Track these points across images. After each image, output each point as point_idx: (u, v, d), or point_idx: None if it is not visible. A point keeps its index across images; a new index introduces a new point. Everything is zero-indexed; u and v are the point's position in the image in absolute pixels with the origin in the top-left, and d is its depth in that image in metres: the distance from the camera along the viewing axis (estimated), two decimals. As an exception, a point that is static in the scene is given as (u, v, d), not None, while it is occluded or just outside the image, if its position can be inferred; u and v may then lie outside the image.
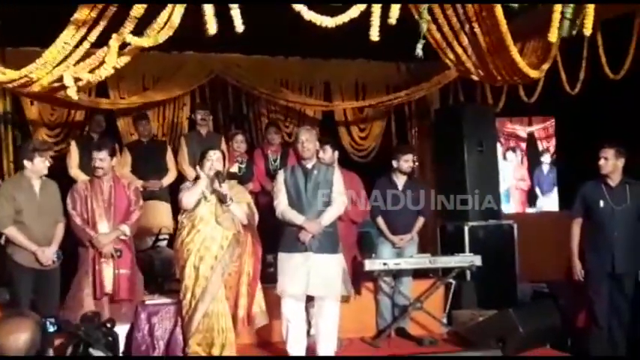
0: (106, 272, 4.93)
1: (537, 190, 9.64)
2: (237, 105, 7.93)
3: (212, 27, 3.74)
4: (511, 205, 9.55)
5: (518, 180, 9.67)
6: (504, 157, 9.66)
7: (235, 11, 3.72)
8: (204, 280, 4.80)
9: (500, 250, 6.63)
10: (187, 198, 4.92)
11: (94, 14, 3.93)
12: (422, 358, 3.16)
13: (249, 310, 5.01)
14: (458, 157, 6.93)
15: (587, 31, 4.39)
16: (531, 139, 9.72)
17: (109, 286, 4.93)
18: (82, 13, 3.90)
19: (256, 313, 5.08)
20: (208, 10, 3.69)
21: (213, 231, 4.88)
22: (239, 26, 3.73)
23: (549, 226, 7.35)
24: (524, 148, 9.77)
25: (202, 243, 4.84)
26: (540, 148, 9.68)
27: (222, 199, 4.88)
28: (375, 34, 4.08)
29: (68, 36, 3.98)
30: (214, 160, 4.95)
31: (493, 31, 4.71)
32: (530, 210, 9.56)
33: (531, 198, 9.68)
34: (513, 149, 9.75)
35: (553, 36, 4.44)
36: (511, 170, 9.66)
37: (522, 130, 9.75)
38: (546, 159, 9.64)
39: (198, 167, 5.02)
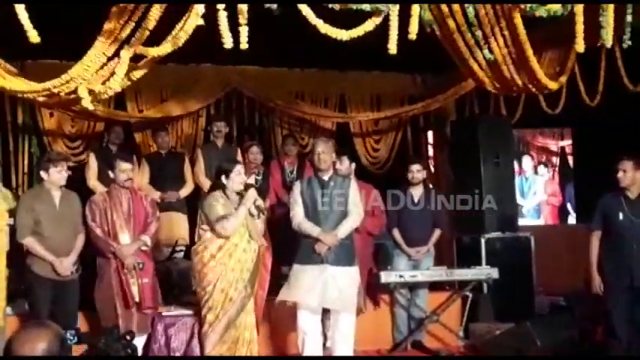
0: (131, 282, 4.95)
1: (569, 206, 9.49)
2: (252, 117, 7.96)
3: (228, 41, 3.80)
4: (541, 221, 9.42)
5: (549, 195, 9.55)
6: (535, 172, 9.58)
7: (243, 28, 3.78)
8: (236, 293, 4.76)
9: (517, 262, 6.58)
10: (234, 225, 4.75)
11: (119, 31, 3.99)
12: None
13: (257, 319, 5.00)
14: (474, 169, 6.89)
15: (608, 42, 4.40)
16: (563, 154, 9.61)
17: (137, 296, 4.94)
18: (111, 27, 3.97)
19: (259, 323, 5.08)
20: (223, 24, 3.74)
21: (246, 245, 4.85)
22: (244, 43, 3.81)
23: (567, 239, 7.29)
24: (555, 162, 9.66)
25: (238, 257, 4.79)
26: (572, 163, 9.54)
27: (253, 212, 4.85)
28: (393, 48, 4.10)
29: (94, 53, 4.04)
30: (243, 173, 4.94)
31: (513, 41, 4.72)
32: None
33: (563, 214, 9.54)
34: (545, 164, 9.64)
35: (580, 46, 4.44)
36: (542, 185, 9.55)
37: (554, 145, 9.63)
38: None
39: (224, 182, 4.88)
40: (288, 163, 6.84)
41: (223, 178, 4.90)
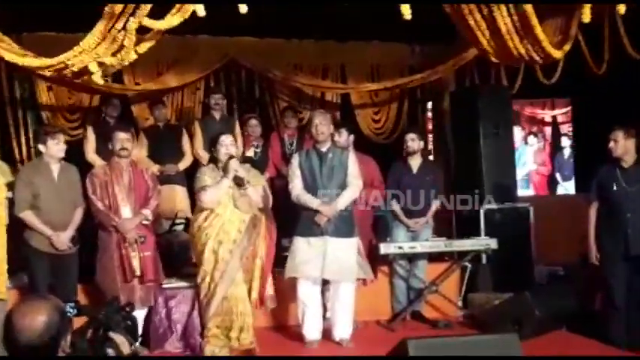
0: (132, 256, 4.96)
1: (558, 176, 9.52)
2: (251, 89, 7.91)
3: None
4: (530, 191, 9.45)
5: (538, 165, 9.55)
6: (525, 142, 9.55)
7: None
8: (223, 264, 4.80)
9: (516, 233, 6.58)
10: (211, 197, 4.82)
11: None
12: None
13: (262, 292, 5.03)
14: (473, 140, 6.88)
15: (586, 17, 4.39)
16: (554, 124, 9.59)
17: (138, 270, 4.96)
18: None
19: (268, 295, 5.11)
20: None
21: (231, 215, 4.87)
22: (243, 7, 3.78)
23: (565, 209, 7.30)
24: (546, 132, 9.64)
25: (221, 227, 4.83)
26: (562, 132, 9.53)
27: (239, 183, 4.88)
28: (407, 12, 4.07)
29: (103, 24, 4.02)
30: (228, 144, 4.95)
31: (516, 10, 4.67)
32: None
33: (552, 183, 9.56)
34: (535, 134, 9.61)
35: (586, 16, 4.42)
36: (531, 155, 9.54)
37: (544, 115, 9.61)
38: (567, 143, 9.50)
39: (215, 154, 4.95)
40: (288, 135, 6.82)
41: (213, 150, 4.93)
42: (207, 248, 4.82)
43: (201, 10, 4.00)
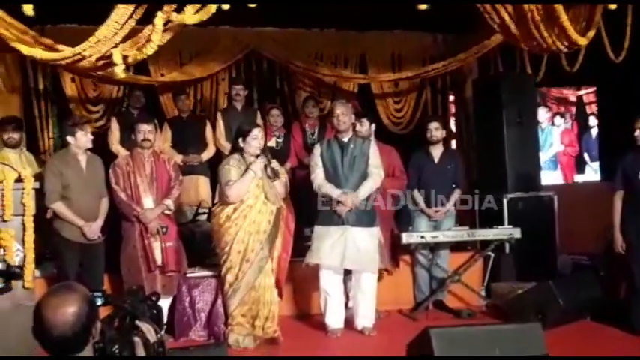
0: (154, 246, 5.02)
1: (586, 156, 9.39)
2: (272, 79, 7.92)
3: None
4: (558, 172, 9.33)
5: (566, 146, 9.42)
6: (552, 123, 9.42)
7: None
8: (252, 255, 4.83)
9: (539, 221, 6.54)
10: (237, 192, 4.81)
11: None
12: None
13: (279, 281, 5.06)
14: (497, 128, 6.82)
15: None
16: (580, 103, 9.44)
17: (159, 260, 5.01)
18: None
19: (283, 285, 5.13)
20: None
21: (261, 206, 4.89)
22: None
23: (590, 198, 7.22)
24: (573, 112, 9.49)
25: (252, 218, 4.85)
26: (588, 112, 9.36)
27: (270, 175, 4.89)
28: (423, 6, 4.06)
29: (118, 15, 4.05)
30: (260, 137, 4.94)
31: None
32: (578, 177, 9.31)
33: (580, 164, 9.44)
34: (562, 114, 9.47)
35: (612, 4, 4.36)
36: (558, 136, 9.41)
37: (571, 95, 9.45)
38: (594, 123, 9.30)
39: (242, 145, 4.91)
40: (309, 125, 6.82)
41: (240, 141, 4.93)
42: (236, 239, 4.82)
43: (226, 4, 4.02)
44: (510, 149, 6.76)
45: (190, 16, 4.04)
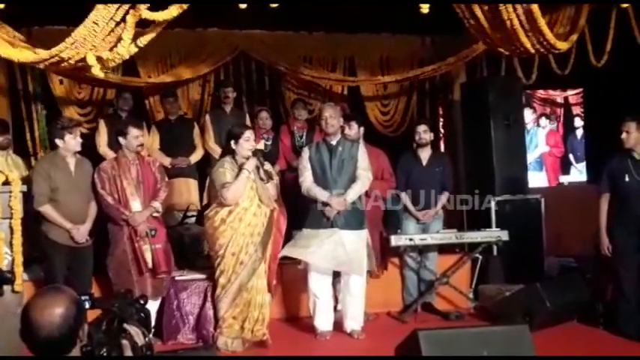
0: (144, 249, 4.99)
1: (571, 157, 9.44)
2: (261, 82, 7.91)
3: None
4: (543, 174, 9.39)
5: (551, 147, 9.48)
6: (537, 124, 9.48)
7: None
8: (247, 257, 4.82)
9: (527, 224, 6.57)
10: (234, 193, 4.79)
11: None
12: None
13: (270, 282, 5.04)
14: (484, 131, 6.85)
15: None
16: (566, 104, 9.51)
17: (149, 262, 4.98)
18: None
19: (273, 286, 5.12)
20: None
21: (256, 209, 4.89)
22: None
23: (577, 200, 7.27)
24: (558, 113, 9.56)
25: (247, 221, 4.84)
26: (574, 113, 9.41)
27: (263, 177, 4.87)
28: (425, 8, 4.07)
29: (97, 16, 4.02)
30: (252, 139, 4.93)
31: (522, 6, 4.64)
32: (563, 177, 9.38)
33: (565, 165, 9.50)
34: (547, 115, 9.53)
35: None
36: (544, 137, 9.47)
37: (557, 96, 9.51)
38: (580, 124, 9.37)
39: (233, 147, 4.90)
40: (298, 127, 6.83)
41: (232, 143, 4.91)
42: (232, 242, 4.81)
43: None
44: (498, 152, 6.79)
45: (162, 12, 4.01)
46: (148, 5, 4.01)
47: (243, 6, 4.05)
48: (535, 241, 6.63)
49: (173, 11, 4.01)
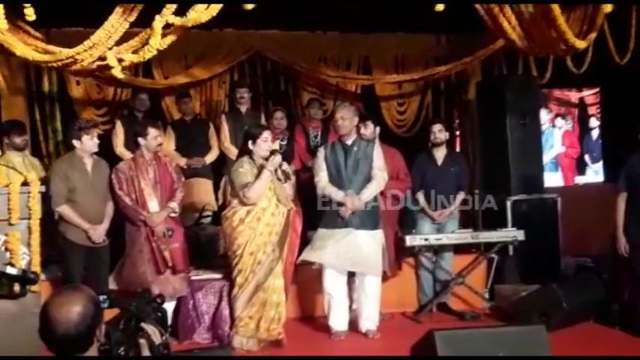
0: (162, 248, 5.00)
1: (587, 158, 9.38)
2: (276, 82, 7.92)
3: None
4: (559, 174, 9.33)
5: (567, 147, 9.42)
6: (553, 124, 9.42)
7: None
8: (264, 257, 4.84)
9: (543, 224, 6.52)
10: (257, 192, 4.79)
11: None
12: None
13: (287, 283, 5.04)
14: (500, 131, 6.81)
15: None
16: (582, 105, 9.44)
17: (169, 260, 5.00)
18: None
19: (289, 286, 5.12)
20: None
21: (274, 208, 4.90)
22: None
23: (593, 199, 7.22)
24: (574, 113, 9.49)
25: (266, 220, 4.85)
26: (590, 113, 9.33)
27: (280, 177, 4.88)
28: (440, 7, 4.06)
29: (115, 19, 4.05)
30: (270, 139, 4.95)
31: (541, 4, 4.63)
32: (579, 178, 9.30)
33: (581, 166, 9.44)
34: (563, 115, 9.47)
35: (608, 6, 4.35)
36: (559, 137, 9.41)
37: (573, 96, 9.44)
38: (595, 124, 9.28)
39: (251, 147, 4.90)
40: (313, 127, 6.83)
41: (250, 143, 4.93)
42: (250, 242, 4.82)
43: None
44: (514, 151, 6.75)
45: (188, 18, 4.03)
46: (174, 8, 4.02)
47: (249, 7, 4.02)
48: (551, 241, 6.58)
49: (203, 17, 4.01)
